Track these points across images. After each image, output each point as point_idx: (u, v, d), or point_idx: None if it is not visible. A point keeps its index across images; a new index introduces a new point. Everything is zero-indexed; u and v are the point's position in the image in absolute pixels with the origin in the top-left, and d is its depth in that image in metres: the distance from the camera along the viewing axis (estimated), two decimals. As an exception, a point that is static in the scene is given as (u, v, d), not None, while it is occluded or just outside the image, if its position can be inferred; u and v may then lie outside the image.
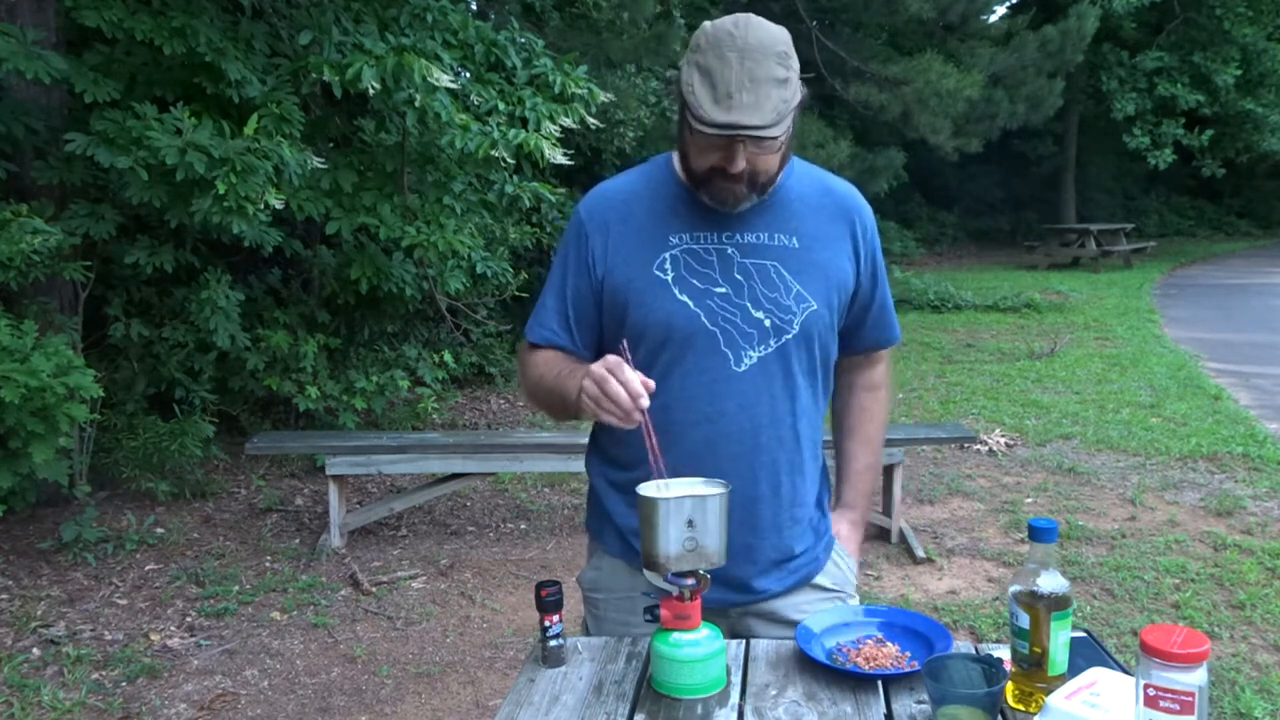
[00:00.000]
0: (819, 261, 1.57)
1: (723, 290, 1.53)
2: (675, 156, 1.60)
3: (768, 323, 1.53)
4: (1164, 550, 4.32)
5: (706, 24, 1.43)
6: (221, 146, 3.81)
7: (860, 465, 1.80)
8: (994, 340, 9.85)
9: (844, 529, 1.77)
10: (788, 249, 1.56)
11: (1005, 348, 9.37)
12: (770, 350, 1.54)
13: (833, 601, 1.65)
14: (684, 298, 1.53)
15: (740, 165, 1.43)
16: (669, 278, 1.54)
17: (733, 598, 1.60)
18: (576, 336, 1.62)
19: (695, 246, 1.55)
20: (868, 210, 1.67)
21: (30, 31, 3.92)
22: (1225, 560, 4.20)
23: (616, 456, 1.64)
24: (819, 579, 1.67)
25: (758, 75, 1.37)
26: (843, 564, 1.72)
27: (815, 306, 1.56)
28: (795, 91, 1.41)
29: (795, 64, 1.42)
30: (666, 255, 1.55)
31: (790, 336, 1.54)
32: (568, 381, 1.50)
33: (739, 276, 1.54)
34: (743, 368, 1.53)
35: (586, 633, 1.71)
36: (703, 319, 1.52)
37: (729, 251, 1.54)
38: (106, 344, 5.04)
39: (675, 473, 1.39)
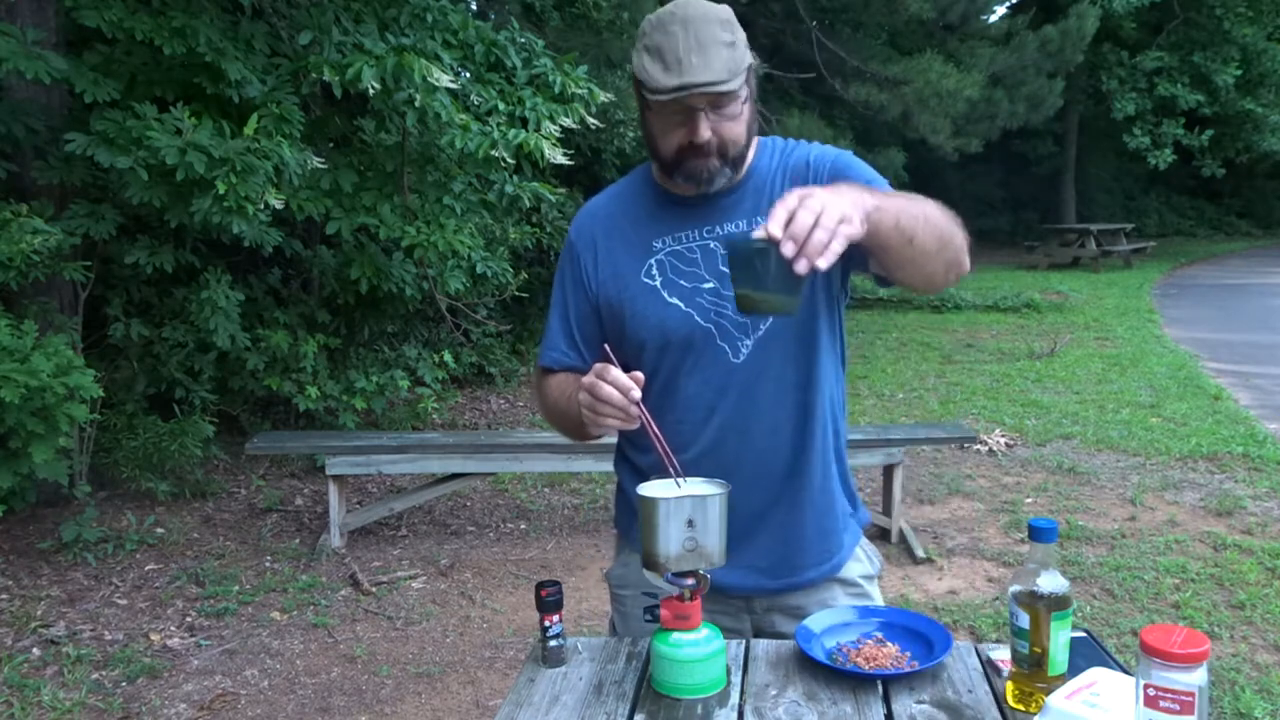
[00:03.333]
0: None
1: (710, 285, 1.53)
2: (653, 164, 1.61)
3: None
4: (1164, 550, 4.32)
5: (650, 14, 1.47)
6: (221, 146, 3.81)
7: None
8: (994, 340, 9.85)
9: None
10: None
11: (1005, 348, 9.37)
12: (762, 333, 1.53)
13: (858, 598, 1.65)
14: (674, 300, 1.54)
15: (705, 134, 1.43)
16: (657, 283, 1.55)
17: (765, 583, 1.59)
18: (585, 354, 1.63)
19: (678, 247, 1.55)
20: (825, 154, 1.55)
21: (30, 31, 3.92)
22: (1225, 560, 4.19)
23: (637, 460, 1.64)
24: (845, 571, 1.65)
25: (703, 39, 1.39)
26: (865, 556, 1.70)
27: None
28: (744, 55, 1.43)
29: (740, 34, 1.45)
30: (652, 261, 1.56)
31: None
32: (574, 401, 1.50)
33: (724, 268, 1.53)
34: (741, 358, 1.53)
35: (614, 630, 1.73)
36: (696, 318, 1.53)
37: (711, 245, 1.54)
38: (106, 344, 5.04)
39: (691, 468, 1.41)
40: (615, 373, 1.35)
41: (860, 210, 1.20)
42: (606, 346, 1.45)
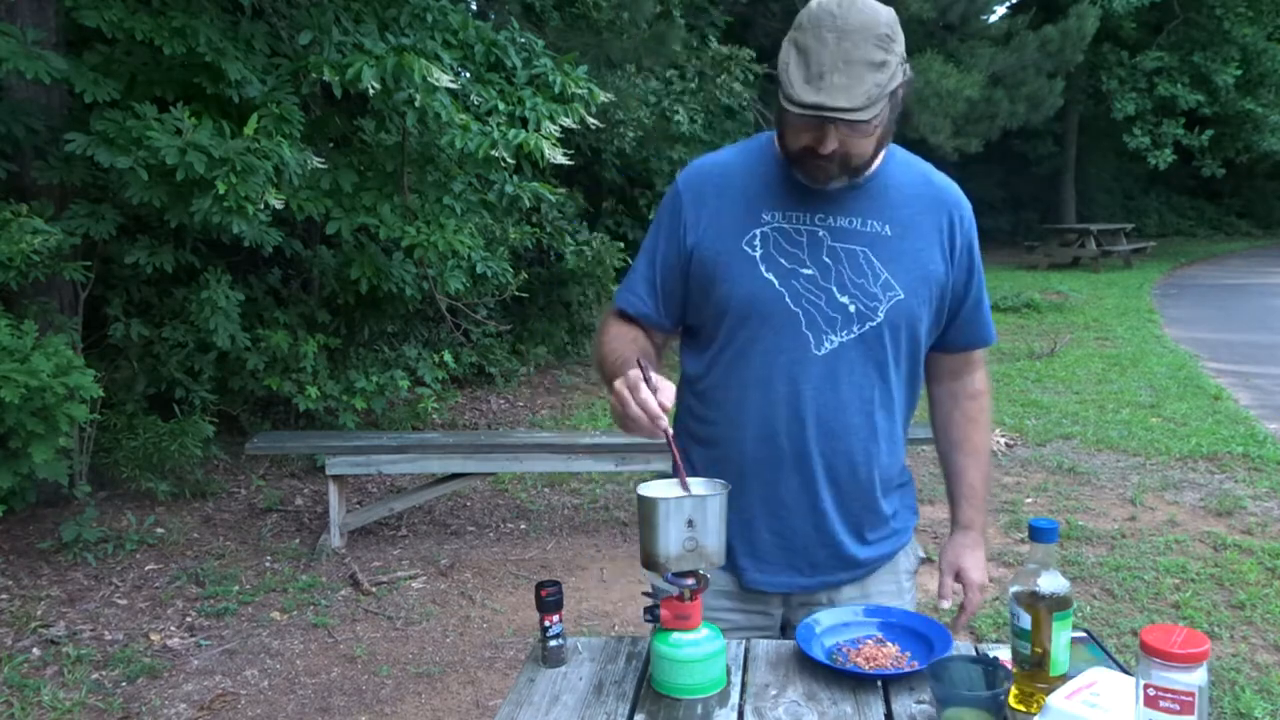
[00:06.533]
0: (910, 251, 1.55)
1: (809, 272, 1.52)
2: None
3: (852, 308, 1.52)
4: (1164, 550, 4.32)
5: (812, 2, 1.41)
6: (221, 146, 3.81)
7: (972, 478, 1.81)
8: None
9: (964, 556, 1.77)
10: (879, 236, 1.54)
11: (1005, 348, 9.36)
12: (853, 336, 1.53)
13: (899, 594, 1.68)
14: (769, 275, 1.52)
15: (831, 147, 1.41)
16: (757, 254, 1.53)
17: (801, 581, 1.62)
18: (661, 305, 1.63)
19: (786, 226, 1.53)
20: (966, 206, 1.63)
21: (30, 31, 3.92)
22: (1225, 560, 4.19)
23: (698, 430, 1.65)
24: (895, 563, 1.70)
25: (853, 57, 1.34)
26: (905, 556, 1.74)
27: (902, 296, 1.53)
28: (893, 75, 1.38)
29: (898, 47, 1.39)
30: (757, 232, 1.54)
31: (874, 324, 1.53)
32: (613, 369, 1.53)
33: (827, 259, 1.52)
34: (822, 351, 1.52)
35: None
36: (786, 299, 1.52)
37: (820, 234, 1.53)
38: (106, 344, 5.04)
39: (742, 451, 1.53)
40: (645, 395, 1.35)
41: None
42: (641, 360, 1.41)
